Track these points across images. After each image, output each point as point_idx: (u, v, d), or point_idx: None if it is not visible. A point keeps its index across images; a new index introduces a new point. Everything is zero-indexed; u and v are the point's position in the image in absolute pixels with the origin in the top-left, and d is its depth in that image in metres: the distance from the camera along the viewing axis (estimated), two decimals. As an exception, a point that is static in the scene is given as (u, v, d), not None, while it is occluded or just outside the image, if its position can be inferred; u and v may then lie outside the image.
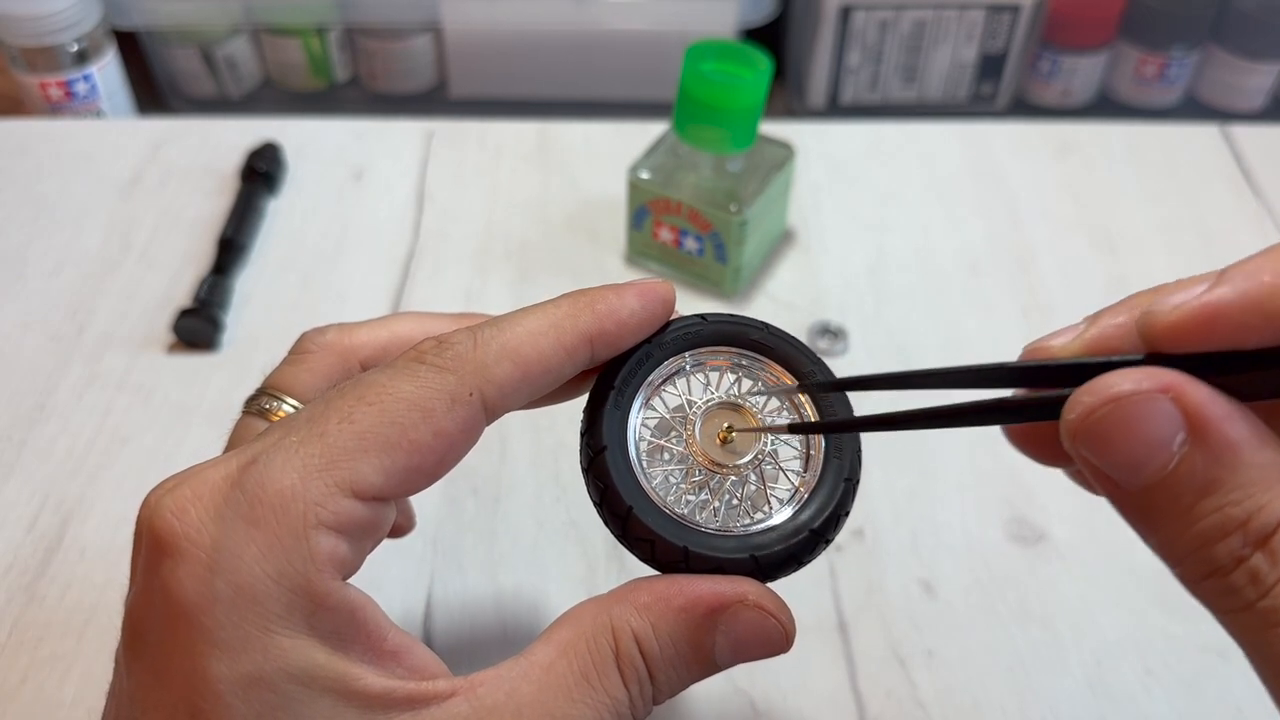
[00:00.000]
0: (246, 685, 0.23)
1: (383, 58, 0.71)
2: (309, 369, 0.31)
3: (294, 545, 0.23)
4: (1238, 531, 0.21)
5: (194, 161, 0.59)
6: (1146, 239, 0.56)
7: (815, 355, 0.29)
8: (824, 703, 0.38)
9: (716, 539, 0.26)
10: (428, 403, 0.25)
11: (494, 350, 0.26)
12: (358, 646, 0.24)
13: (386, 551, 0.42)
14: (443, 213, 0.57)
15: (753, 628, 0.26)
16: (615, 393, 0.27)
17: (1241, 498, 0.21)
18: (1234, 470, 0.21)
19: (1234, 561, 0.21)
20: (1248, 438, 0.21)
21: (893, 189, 0.59)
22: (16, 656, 0.39)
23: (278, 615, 0.23)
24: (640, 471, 0.27)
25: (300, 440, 0.24)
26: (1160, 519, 0.22)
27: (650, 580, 0.26)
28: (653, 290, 0.28)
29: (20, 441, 0.46)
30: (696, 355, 0.29)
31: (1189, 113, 0.73)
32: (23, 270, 0.53)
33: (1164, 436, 0.21)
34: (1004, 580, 0.41)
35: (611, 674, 0.25)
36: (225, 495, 0.24)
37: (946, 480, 0.45)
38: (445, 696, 0.24)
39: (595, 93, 0.73)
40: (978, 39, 0.70)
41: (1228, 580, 0.21)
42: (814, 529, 0.27)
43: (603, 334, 0.27)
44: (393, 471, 0.24)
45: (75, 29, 0.61)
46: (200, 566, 0.23)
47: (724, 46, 0.48)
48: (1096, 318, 0.24)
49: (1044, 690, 0.38)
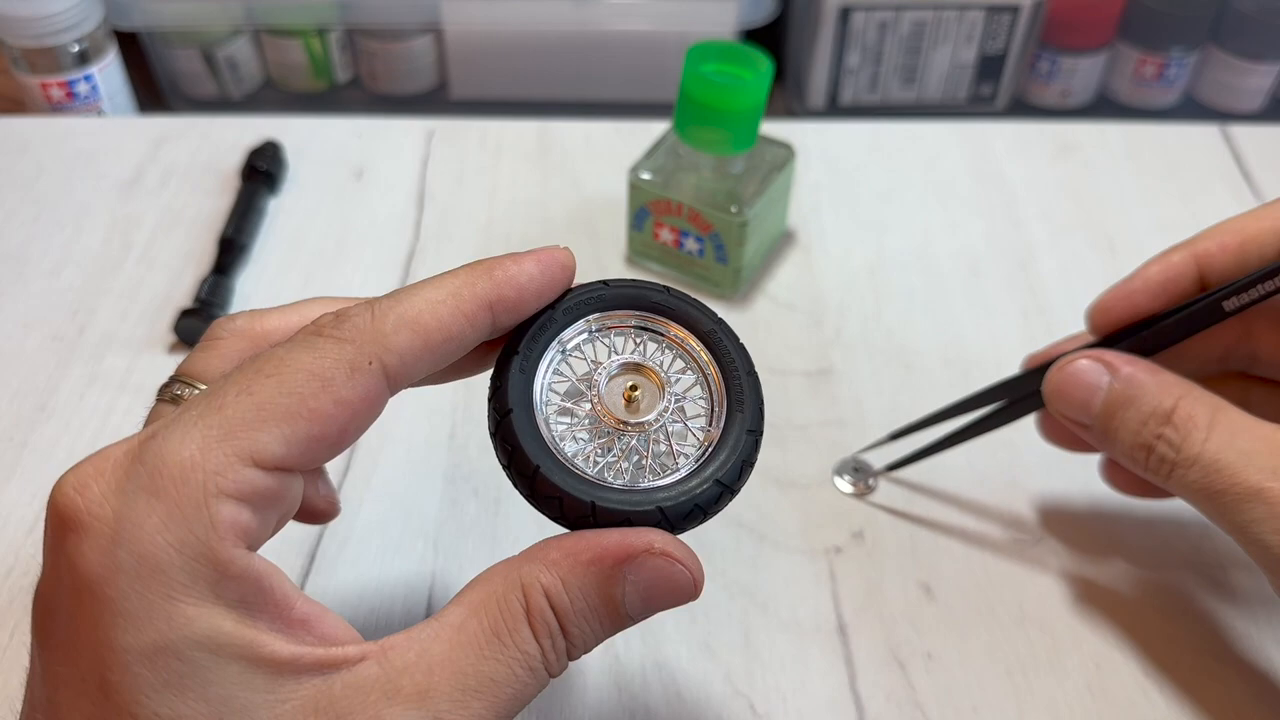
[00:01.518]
0: (153, 654, 0.23)
1: (383, 59, 0.71)
2: (220, 354, 0.31)
3: (195, 514, 0.23)
4: (1150, 419, 0.35)
5: (195, 160, 0.60)
6: (1146, 239, 0.56)
7: (715, 315, 0.30)
8: (823, 705, 0.38)
9: (624, 494, 0.27)
10: (326, 372, 0.25)
11: (392, 320, 0.26)
12: (265, 615, 0.24)
13: (388, 552, 0.42)
14: (443, 212, 0.57)
15: (659, 574, 0.26)
16: (519, 357, 0.28)
17: (1147, 400, 0.35)
18: (1139, 388, 0.35)
19: (1155, 438, 0.34)
20: (1146, 369, 0.35)
21: (893, 189, 0.59)
22: (18, 658, 0.39)
23: (182, 584, 0.23)
24: (548, 432, 0.28)
25: (199, 414, 0.24)
26: (1111, 435, 0.36)
27: (559, 538, 0.27)
28: (551, 256, 0.29)
29: (21, 442, 0.46)
30: (601, 319, 0.30)
31: (1188, 113, 0.73)
32: (23, 270, 0.54)
33: (1095, 381, 0.36)
34: (1003, 583, 0.42)
35: (523, 629, 0.26)
36: (126, 469, 0.24)
37: (946, 482, 0.45)
38: (355, 660, 0.25)
39: (595, 93, 0.73)
40: (977, 40, 0.70)
41: (1152, 459, 0.35)
42: (719, 479, 0.28)
43: (502, 300, 0.27)
44: (294, 440, 0.25)
45: (76, 30, 0.61)
46: (103, 539, 0.23)
47: (724, 47, 0.48)
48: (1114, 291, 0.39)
49: (1043, 692, 0.38)
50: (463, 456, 0.45)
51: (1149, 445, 0.34)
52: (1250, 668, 0.39)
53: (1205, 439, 0.33)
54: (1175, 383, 0.35)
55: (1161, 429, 0.34)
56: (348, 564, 0.41)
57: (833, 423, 0.47)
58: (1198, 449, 0.33)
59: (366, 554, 0.42)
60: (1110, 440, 0.36)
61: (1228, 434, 0.33)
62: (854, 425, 0.47)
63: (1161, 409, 0.34)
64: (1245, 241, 0.37)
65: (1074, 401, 0.36)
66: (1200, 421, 0.34)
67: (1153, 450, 0.34)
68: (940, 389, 0.48)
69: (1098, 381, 0.36)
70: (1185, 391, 0.34)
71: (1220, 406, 0.34)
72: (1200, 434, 0.33)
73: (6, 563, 0.42)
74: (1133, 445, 0.35)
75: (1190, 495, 0.34)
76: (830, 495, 0.44)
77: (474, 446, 0.46)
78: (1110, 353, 0.36)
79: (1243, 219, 0.37)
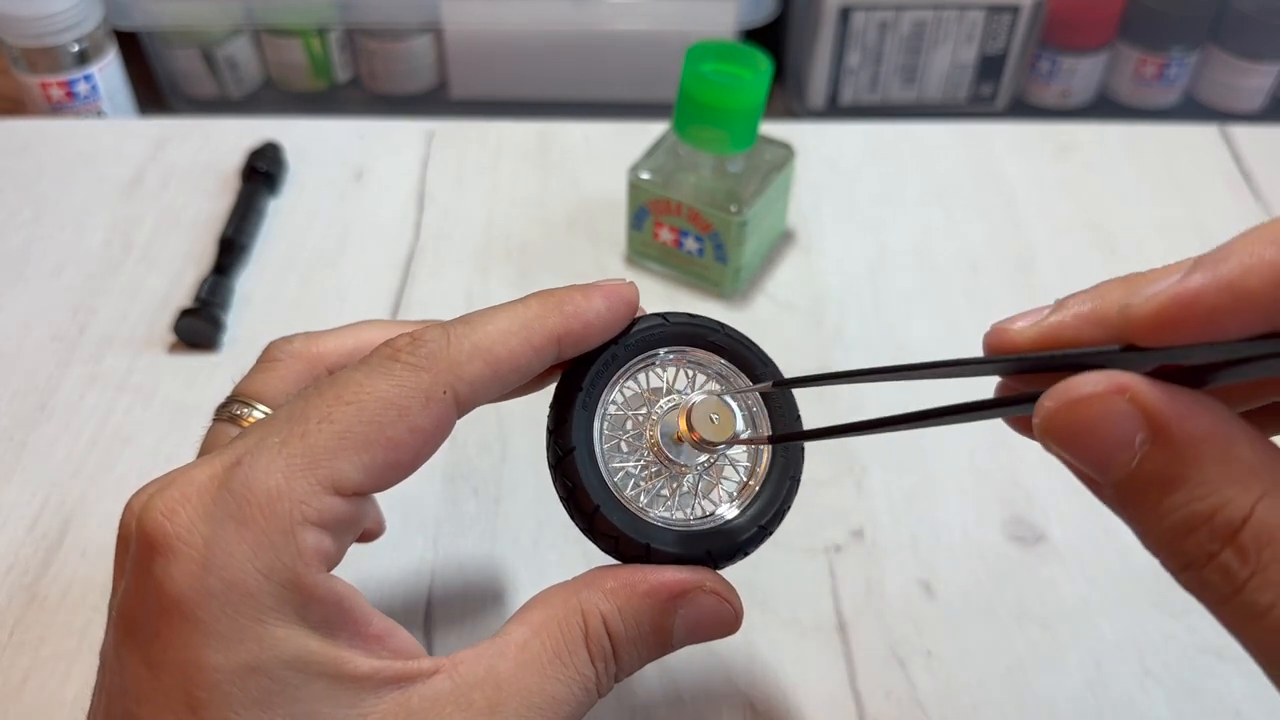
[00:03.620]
0: (243, 673, 0.23)
1: (383, 58, 0.71)
2: (278, 376, 0.32)
3: (282, 542, 0.24)
4: (1204, 527, 0.21)
5: (195, 161, 0.60)
6: (1146, 239, 0.56)
7: (766, 356, 0.31)
8: (823, 703, 0.38)
9: (674, 534, 0.28)
10: (403, 401, 0.26)
11: (466, 348, 0.27)
12: (346, 633, 0.25)
13: (388, 552, 0.42)
14: (443, 213, 0.57)
15: (709, 611, 0.28)
16: (583, 393, 0.29)
17: (1205, 493, 0.21)
18: (1196, 466, 0.21)
19: (1205, 557, 0.21)
20: (1209, 434, 0.21)
21: (893, 189, 0.59)
22: (18, 656, 0.39)
23: (270, 608, 0.24)
24: (604, 468, 0.29)
25: (282, 440, 0.25)
26: (1134, 512, 0.23)
27: (615, 568, 0.28)
28: (618, 293, 0.29)
29: (21, 442, 0.46)
30: (657, 356, 0.31)
31: (1188, 113, 0.73)
32: (23, 270, 0.54)
33: (1124, 436, 0.22)
34: (1003, 581, 0.42)
35: (581, 652, 0.27)
36: (213, 496, 0.24)
37: (946, 481, 0.45)
38: (429, 674, 0.26)
39: (595, 93, 0.73)
40: (977, 40, 0.70)
41: (1202, 574, 0.22)
42: (761, 524, 0.30)
43: (569, 334, 0.28)
44: (372, 468, 0.25)
45: (76, 29, 0.61)
46: (193, 564, 0.24)
47: (724, 47, 0.48)
48: (1063, 303, 0.25)
49: (1043, 691, 0.38)
50: (462, 455, 0.45)
51: (1194, 558, 0.22)
52: (1250, 667, 0.39)
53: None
54: (1254, 465, 0.21)
55: (1221, 547, 0.21)
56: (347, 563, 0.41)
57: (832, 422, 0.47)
58: (1275, 593, 0.20)
59: (366, 553, 0.42)
60: (1133, 520, 0.23)
61: None
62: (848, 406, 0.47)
63: (1226, 516, 0.21)
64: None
65: (1084, 454, 0.22)
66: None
67: (1199, 566, 0.22)
68: (940, 389, 0.48)
69: (1125, 436, 0.22)
70: (1271, 484, 0.21)
71: None
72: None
73: (6, 561, 0.42)
74: (1169, 548, 0.22)
75: (1246, 646, 0.22)
76: (830, 494, 0.44)
77: (473, 445, 0.46)
78: (1144, 384, 0.22)
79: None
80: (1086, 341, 0.24)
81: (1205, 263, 0.21)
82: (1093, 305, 0.24)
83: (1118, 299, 0.23)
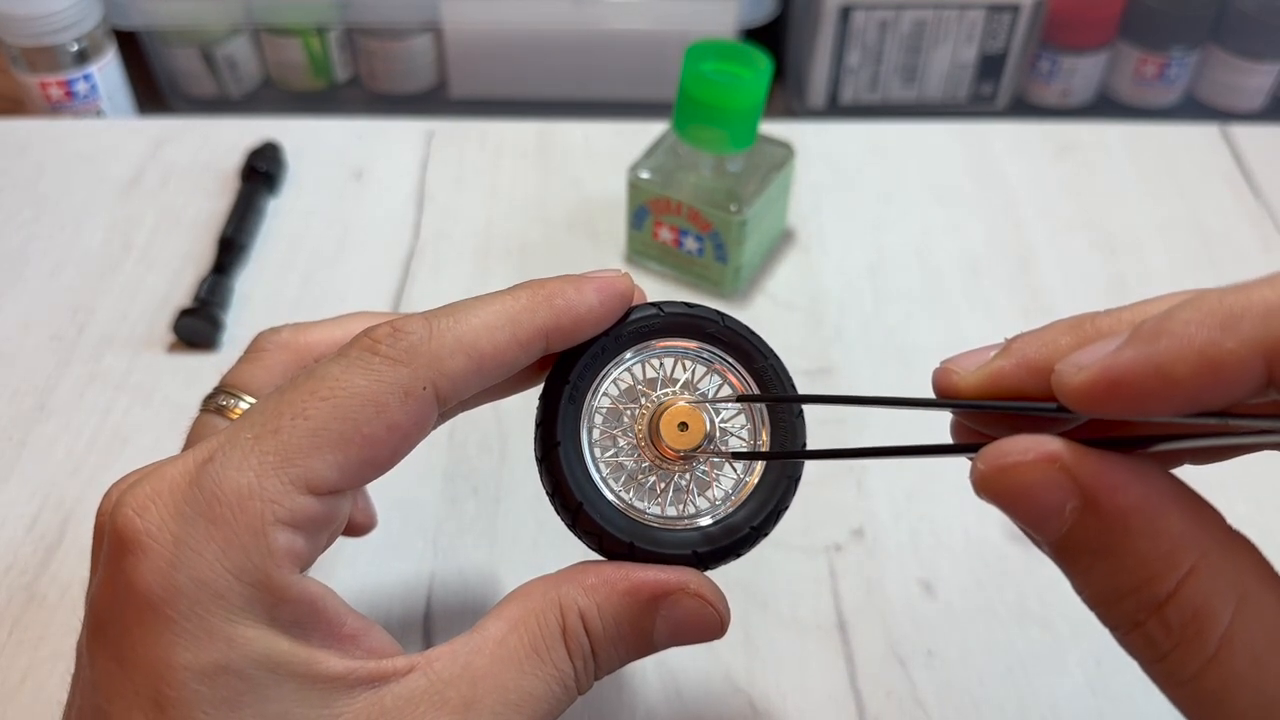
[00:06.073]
0: (212, 673, 0.23)
1: (383, 58, 0.71)
2: (265, 367, 0.31)
3: (253, 542, 0.24)
4: (1131, 597, 0.21)
5: (194, 161, 0.60)
6: (1146, 239, 0.56)
7: (767, 347, 0.30)
8: (823, 702, 0.38)
9: (661, 533, 0.27)
10: (381, 397, 0.25)
11: (449, 342, 0.26)
12: (318, 633, 0.25)
13: (387, 552, 0.42)
14: (443, 213, 0.57)
15: (691, 614, 0.27)
16: (570, 387, 0.28)
17: (1133, 565, 0.21)
18: (1125, 538, 0.21)
19: (1130, 624, 0.22)
20: (1138, 506, 0.21)
21: (893, 189, 0.59)
22: (17, 656, 0.39)
23: (239, 608, 0.23)
24: (591, 463, 0.28)
25: (255, 437, 0.24)
26: (1068, 570, 0.23)
27: (597, 564, 0.27)
28: (611, 285, 0.28)
29: (20, 441, 0.46)
30: (652, 348, 0.29)
31: (1189, 113, 0.73)
32: (23, 270, 0.54)
33: (1054, 504, 0.22)
34: (1003, 580, 0.41)
35: (559, 648, 0.26)
36: (184, 493, 0.24)
37: (946, 480, 0.45)
38: (404, 672, 0.25)
39: (595, 93, 0.73)
40: (977, 39, 0.70)
41: (1129, 638, 0.22)
42: (754, 525, 0.28)
43: (559, 330, 0.27)
44: (346, 466, 0.25)
45: (75, 29, 0.61)
46: (162, 562, 0.23)
47: (724, 46, 0.48)
48: (1011, 345, 0.24)
49: (1044, 690, 0.38)
50: (462, 455, 0.45)
51: (1122, 623, 0.22)
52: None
53: (1214, 654, 0.21)
54: (1183, 537, 0.21)
55: (1147, 618, 0.21)
56: (346, 563, 0.41)
57: (832, 421, 0.47)
58: (1197, 666, 0.21)
59: (365, 553, 0.42)
60: (1068, 576, 0.23)
61: (1251, 653, 0.20)
62: (854, 424, 0.47)
63: (1152, 592, 0.21)
64: None
65: (1017, 514, 0.23)
66: (1213, 621, 0.20)
67: (1126, 630, 0.22)
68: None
69: (1055, 504, 0.22)
70: (1199, 558, 0.21)
71: (1249, 594, 0.21)
72: (1208, 645, 0.21)
73: (6, 561, 0.41)
74: (1100, 609, 0.23)
75: (1175, 706, 0.22)
76: (830, 493, 0.44)
77: (473, 445, 0.46)
78: (1075, 452, 0.21)
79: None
80: (1028, 392, 0.24)
81: (1140, 336, 0.21)
82: (1037, 351, 0.24)
83: (1065, 346, 0.23)
